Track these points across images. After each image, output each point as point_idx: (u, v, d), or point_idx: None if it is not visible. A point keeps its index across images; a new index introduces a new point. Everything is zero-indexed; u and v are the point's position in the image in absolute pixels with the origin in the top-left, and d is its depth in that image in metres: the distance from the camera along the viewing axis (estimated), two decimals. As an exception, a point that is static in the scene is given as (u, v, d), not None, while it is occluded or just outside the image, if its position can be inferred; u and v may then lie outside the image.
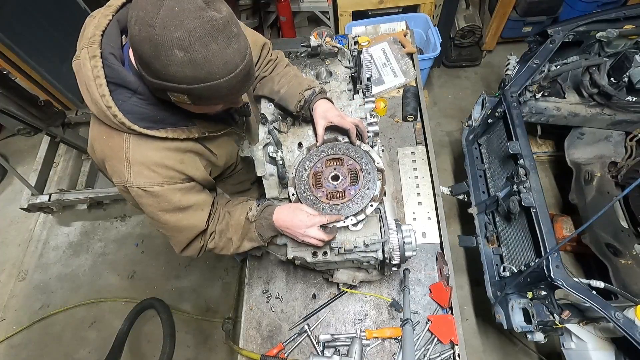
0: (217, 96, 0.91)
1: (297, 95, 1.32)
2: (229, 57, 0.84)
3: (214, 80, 0.85)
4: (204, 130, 1.11)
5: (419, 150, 1.91)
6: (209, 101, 0.94)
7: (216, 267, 2.94)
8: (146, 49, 0.80)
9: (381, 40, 2.24)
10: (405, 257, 1.20)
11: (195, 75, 0.83)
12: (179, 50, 0.79)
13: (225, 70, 0.85)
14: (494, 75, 3.70)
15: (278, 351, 1.48)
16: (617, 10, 2.14)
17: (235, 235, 1.27)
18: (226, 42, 0.83)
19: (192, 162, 1.13)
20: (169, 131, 1.03)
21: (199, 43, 0.79)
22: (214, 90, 0.87)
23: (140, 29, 0.79)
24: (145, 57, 0.82)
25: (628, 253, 2.12)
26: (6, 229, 3.30)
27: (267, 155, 1.27)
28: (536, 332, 1.74)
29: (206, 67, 0.82)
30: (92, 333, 2.78)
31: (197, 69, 0.82)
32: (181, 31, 0.77)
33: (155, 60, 0.81)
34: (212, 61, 0.82)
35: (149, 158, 1.01)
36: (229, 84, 0.88)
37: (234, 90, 0.93)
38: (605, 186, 2.35)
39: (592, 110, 2.28)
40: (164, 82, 0.85)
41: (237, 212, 1.27)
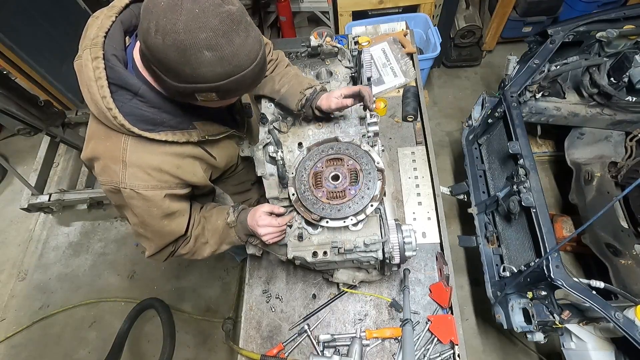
0: (243, 87, 0.92)
1: (298, 94, 1.33)
2: (250, 47, 0.86)
3: (241, 72, 0.86)
4: (205, 133, 1.10)
5: (419, 150, 1.91)
6: (236, 93, 0.95)
7: (216, 267, 2.94)
8: (173, 56, 0.80)
9: (381, 40, 2.24)
10: (405, 257, 1.20)
11: (224, 71, 0.84)
12: (208, 51, 0.79)
13: (249, 60, 0.87)
14: (494, 75, 3.70)
15: (278, 351, 1.48)
16: (617, 10, 2.15)
17: (212, 239, 1.29)
18: (246, 33, 0.84)
19: (190, 167, 1.12)
20: (169, 134, 1.02)
21: (224, 39, 0.80)
22: (241, 82, 0.88)
23: (164, 37, 0.78)
24: (173, 64, 0.82)
25: (628, 253, 2.12)
26: (6, 229, 3.30)
27: (267, 155, 1.27)
28: (536, 332, 1.74)
29: (234, 60, 0.83)
30: (92, 333, 2.78)
31: (226, 65, 0.83)
32: (206, 32, 0.78)
33: (184, 66, 0.81)
34: (238, 54, 0.83)
35: (145, 161, 1.01)
36: (253, 73, 0.89)
37: (257, 77, 0.94)
38: (605, 186, 2.35)
39: (592, 110, 2.28)
40: (193, 84, 0.85)
41: (213, 217, 1.29)
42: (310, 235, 1.25)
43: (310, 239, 1.24)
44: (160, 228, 1.13)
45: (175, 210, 1.13)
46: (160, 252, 1.22)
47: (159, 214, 1.09)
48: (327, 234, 1.24)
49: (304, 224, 1.26)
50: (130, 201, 1.05)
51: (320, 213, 1.20)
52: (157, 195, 1.05)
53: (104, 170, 1.02)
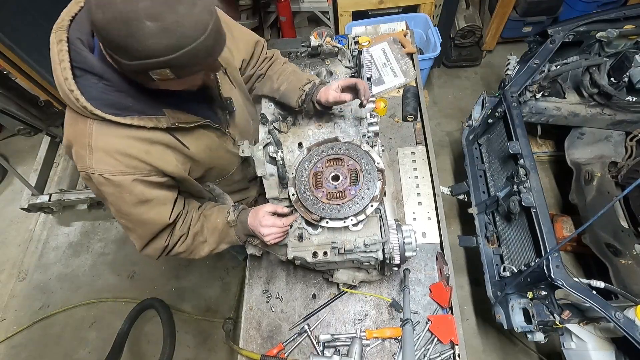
0: (197, 61, 0.89)
1: (297, 90, 1.34)
2: (197, 17, 0.83)
3: (190, 44, 0.84)
4: (175, 120, 1.06)
5: (419, 150, 1.91)
6: (191, 69, 0.92)
7: (216, 267, 2.94)
8: (116, 29, 0.78)
9: (381, 40, 2.24)
10: (406, 258, 1.20)
11: (170, 42, 0.81)
12: (149, 21, 0.77)
13: (198, 31, 0.84)
14: (494, 75, 3.70)
15: (278, 351, 1.48)
16: (617, 10, 2.15)
17: (211, 238, 1.28)
18: (191, 1, 0.82)
19: (160, 154, 1.08)
20: (135, 119, 0.99)
21: (165, 7, 0.78)
22: (193, 54, 0.85)
23: (104, 11, 0.77)
24: (118, 38, 0.80)
25: (628, 253, 2.13)
26: (6, 229, 3.30)
27: (268, 155, 1.27)
28: (536, 332, 1.74)
29: (179, 30, 0.81)
30: (92, 333, 2.78)
31: (171, 36, 0.81)
32: (145, 0, 0.77)
33: (128, 39, 0.79)
34: (183, 24, 0.81)
35: (111, 145, 0.99)
36: (204, 45, 0.86)
37: (211, 50, 0.91)
38: (605, 186, 2.35)
39: (592, 110, 2.28)
40: (144, 60, 0.83)
41: (213, 216, 1.29)
42: (310, 236, 1.25)
43: (310, 239, 1.24)
44: (138, 216, 1.11)
45: (151, 198, 1.10)
46: (148, 245, 1.19)
47: (132, 201, 1.07)
48: (327, 234, 1.24)
49: (304, 224, 1.26)
50: (101, 188, 1.04)
51: (320, 213, 1.20)
52: (126, 181, 1.03)
53: (76, 157, 1.01)
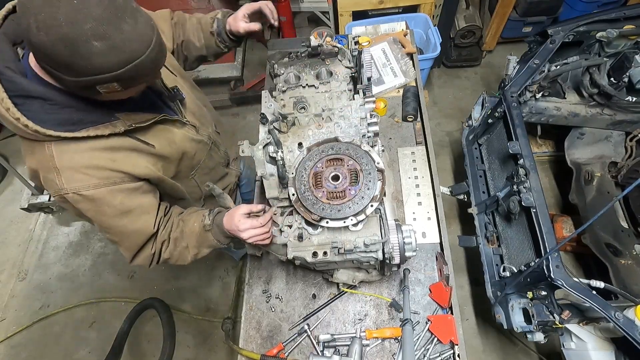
0: (144, 73, 0.92)
1: (209, 33, 1.47)
2: (141, 31, 0.86)
3: (137, 58, 0.86)
4: (130, 122, 1.06)
5: (419, 150, 1.91)
6: (138, 81, 0.94)
7: (216, 267, 2.94)
8: (62, 50, 0.78)
9: (381, 41, 2.24)
10: (405, 258, 1.20)
11: (119, 59, 0.84)
12: (96, 41, 0.79)
13: (144, 45, 0.87)
14: (494, 75, 3.70)
15: (278, 351, 1.48)
16: (617, 10, 2.15)
17: (190, 243, 1.29)
18: (133, 19, 0.84)
19: (127, 159, 1.08)
20: (91, 130, 0.99)
21: (112, 27, 0.80)
22: (140, 68, 0.88)
23: (47, 32, 0.77)
24: (63, 58, 0.80)
25: (628, 253, 2.13)
26: (6, 229, 3.30)
27: (267, 155, 1.27)
28: (536, 332, 1.74)
29: (127, 48, 0.84)
30: (92, 333, 2.78)
31: (119, 53, 0.83)
32: (90, 22, 0.77)
33: (75, 59, 0.80)
34: (130, 40, 0.84)
35: (76, 161, 0.99)
36: (150, 58, 0.89)
37: (156, 61, 0.94)
38: (605, 186, 2.35)
39: (592, 110, 2.28)
40: (91, 77, 0.84)
41: (191, 221, 1.29)
42: (310, 236, 1.25)
43: (310, 239, 1.24)
44: (122, 228, 1.11)
45: (132, 208, 1.10)
46: (137, 255, 1.21)
47: (113, 213, 1.07)
48: (327, 234, 1.24)
49: (304, 224, 1.26)
50: (78, 206, 1.03)
51: (320, 213, 1.20)
52: (101, 193, 1.03)
53: (46, 183, 1.01)
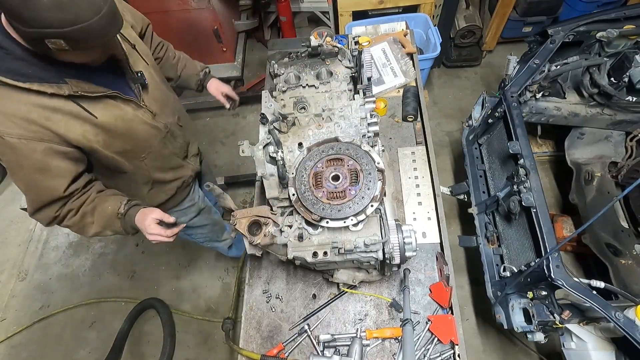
0: (92, 38, 0.99)
1: (195, 76, 1.80)
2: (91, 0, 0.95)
3: (84, 22, 0.94)
4: (77, 89, 1.11)
5: (419, 150, 1.91)
6: (86, 44, 1.01)
7: (216, 267, 2.94)
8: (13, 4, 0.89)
9: (381, 40, 2.24)
10: (406, 258, 1.20)
11: (64, 17, 0.91)
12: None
13: (91, 12, 0.95)
14: (494, 75, 3.70)
15: (278, 351, 1.48)
16: (617, 10, 2.15)
17: (97, 222, 1.32)
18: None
19: (63, 122, 1.12)
20: (35, 85, 1.04)
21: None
22: (87, 32, 0.96)
23: None
24: (15, 8, 0.90)
25: (628, 253, 2.12)
26: (6, 229, 3.30)
27: (268, 155, 1.27)
28: (536, 332, 1.74)
29: (73, 8, 0.92)
30: (92, 333, 2.78)
31: (65, 11, 0.91)
32: None
33: (24, 9, 0.89)
34: (78, 3, 0.92)
35: (9, 109, 1.04)
36: (98, 25, 0.97)
37: (106, 32, 1.02)
38: (605, 186, 2.34)
39: (592, 110, 2.28)
40: (38, 29, 0.92)
41: (107, 203, 1.32)
42: (311, 236, 1.25)
43: (310, 239, 1.24)
44: (32, 182, 1.15)
45: (49, 168, 1.13)
46: (40, 211, 1.23)
47: (30, 166, 1.11)
48: (327, 234, 1.24)
49: (304, 224, 1.26)
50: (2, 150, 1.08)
51: (320, 213, 1.20)
52: (23, 144, 1.06)
53: None
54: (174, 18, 3.19)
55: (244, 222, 1.34)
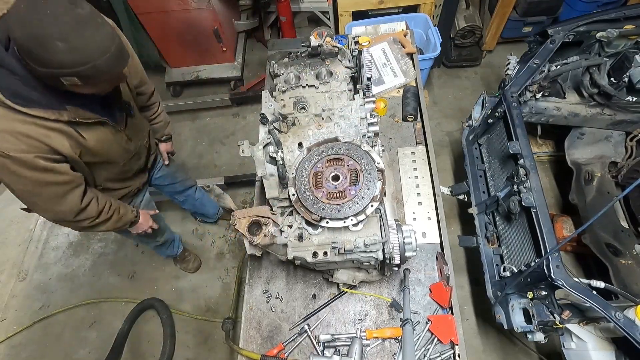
0: (101, 74, 1.12)
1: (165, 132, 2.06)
2: (100, 41, 1.07)
3: (94, 61, 1.07)
4: (75, 116, 1.26)
5: (419, 150, 1.91)
6: (97, 79, 1.14)
7: (216, 267, 2.94)
8: (32, 44, 1.01)
9: (381, 41, 2.24)
10: (406, 258, 1.20)
11: (77, 59, 1.04)
12: (60, 42, 1.00)
13: (100, 52, 1.08)
14: (494, 75, 3.70)
15: (278, 351, 1.48)
16: (617, 10, 2.15)
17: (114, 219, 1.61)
18: (94, 30, 1.06)
19: (59, 139, 1.25)
20: (40, 111, 1.17)
21: (74, 33, 1.02)
22: (97, 69, 1.09)
23: (21, 29, 1.00)
24: (34, 51, 1.02)
25: (628, 253, 2.12)
26: (6, 229, 3.30)
27: (267, 155, 1.27)
28: (536, 332, 1.74)
29: (85, 51, 1.05)
30: (92, 333, 2.78)
31: (78, 54, 1.04)
32: (58, 26, 0.99)
33: (42, 54, 1.02)
34: (88, 45, 1.05)
35: (14, 128, 1.14)
36: (107, 63, 1.10)
37: (113, 67, 1.15)
38: (605, 186, 2.34)
39: (592, 110, 2.28)
40: (55, 69, 1.05)
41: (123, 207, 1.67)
42: (311, 236, 1.25)
43: (310, 239, 1.24)
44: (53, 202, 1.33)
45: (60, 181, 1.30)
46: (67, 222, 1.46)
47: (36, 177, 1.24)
48: (327, 234, 1.24)
49: (304, 224, 1.26)
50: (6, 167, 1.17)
51: (320, 213, 1.20)
52: (31, 158, 1.18)
53: None
54: (174, 18, 3.19)
55: (244, 222, 1.34)
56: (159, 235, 2.30)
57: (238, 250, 2.97)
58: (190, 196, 2.55)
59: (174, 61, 3.72)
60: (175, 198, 2.53)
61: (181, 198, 2.53)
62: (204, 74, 3.74)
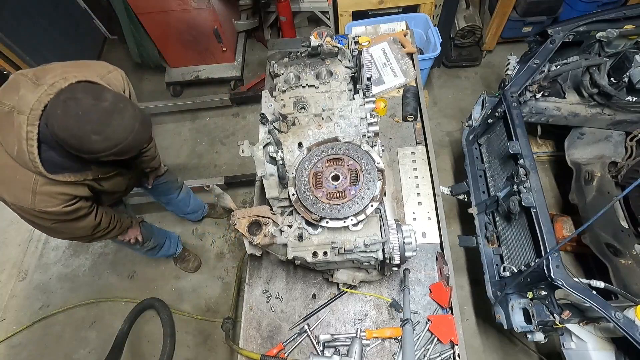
0: (131, 149, 1.33)
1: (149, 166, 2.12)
2: (126, 124, 1.26)
3: (124, 141, 1.27)
4: (98, 173, 1.52)
5: (419, 150, 1.91)
6: (128, 152, 1.34)
7: (216, 267, 2.95)
8: (73, 142, 1.22)
9: (381, 40, 2.24)
10: (405, 258, 1.20)
11: (111, 144, 1.25)
12: (94, 135, 1.21)
13: (127, 132, 1.27)
14: (494, 75, 3.69)
15: (278, 351, 1.48)
16: (617, 10, 2.14)
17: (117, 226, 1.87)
18: (119, 116, 1.25)
19: (81, 189, 1.51)
20: (71, 176, 1.41)
21: (104, 125, 1.22)
22: (128, 146, 1.30)
23: (63, 133, 1.20)
24: (75, 147, 1.23)
25: (628, 253, 2.12)
26: (6, 229, 3.30)
27: (267, 155, 1.27)
28: (536, 332, 1.74)
29: (115, 136, 1.25)
30: (92, 333, 2.78)
31: (110, 141, 1.24)
32: (90, 124, 1.20)
33: (83, 147, 1.23)
34: (117, 131, 1.25)
35: (50, 190, 1.38)
36: (134, 139, 1.30)
37: (140, 140, 1.35)
38: (605, 186, 2.34)
39: (592, 110, 2.28)
40: (95, 154, 1.26)
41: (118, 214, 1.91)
42: (310, 236, 1.25)
43: (310, 239, 1.24)
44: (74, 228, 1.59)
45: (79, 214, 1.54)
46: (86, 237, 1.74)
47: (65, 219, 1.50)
48: (327, 234, 1.24)
49: (304, 224, 1.26)
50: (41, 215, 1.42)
51: (320, 213, 1.20)
52: (59, 209, 1.43)
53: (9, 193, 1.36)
54: (174, 18, 3.19)
55: (244, 222, 1.34)
56: (147, 241, 2.33)
57: (238, 250, 2.97)
58: (173, 198, 2.55)
59: (174, 61, 3.72)
60: (159, 200, 2.56)
61: (165, 200, 2.55)
62: (204, 74, 3.74)
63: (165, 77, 3.76)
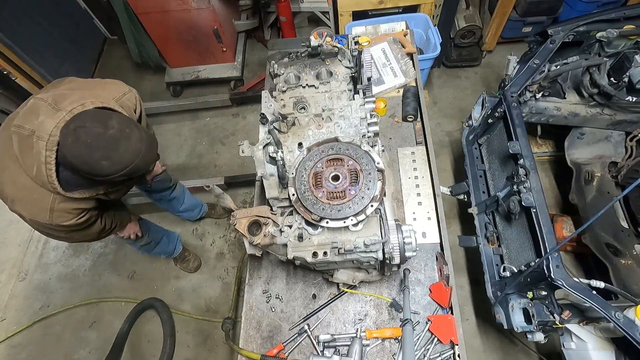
0: (139, 169, 1.42)
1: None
2: (133, 148, 1.35)
3: (132, 164, 1.36)
4: (108, 187, 1.62)
5: (419, 150, 1.91)
6: (137, 173, 1.44)
7: (216, 267, 2.95)
8: (85, 168, 1.30)
9: (381, 41, 2.24)
10: (406, 258, 1.20)
11: (120, 168, 1.34)
12: (104, 161, 1.30)
13: (134, 155, 1.36)
14: (494, 75, 3.70)
15: (278, 351, 1.48)
16: (617, 10, 2.14)
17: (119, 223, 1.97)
18: (126, 141, 1.33)
19: (92, 202, 1.61)
20: (85, 192, 1.51)
21: (112, 151, 1.30)
22: (136, 167, 1.39)
23: (75, 160, 1.28)
24: (87, 171, 1.32)
25: (628, 253, 2.12)
26: (6, 229, 3.30)
27: (267, 155, 1.27)
28: (536, 332, 1.74)
29: (123, 160, 1.34)
30: (92, 333, 2.78)
31: (120, 164, 1.34)
32: (99, 151, 1.28)
33: (94, 171, 1.31)
34: (126, 155, 1.34)
35: (66, 207, 1.48)
36: (142, 160, 1.40)
37: (147, 161, 1.45)
38: (605, 186, 2.34)
39: (592, 110, 2.28)
40: (106, 177, 1.35)
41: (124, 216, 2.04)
42: (310, 236, 1.25)
43: (310, 239, 1.24)
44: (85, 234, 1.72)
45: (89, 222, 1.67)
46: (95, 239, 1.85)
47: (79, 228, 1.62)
48: (327, 234, 1.24)
49: (304, 224, 1.26)
50: (58, 228, 1.54)
51: (320, 213, 1.20)
52: (73, 222, 1.54)
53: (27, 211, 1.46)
54: (174, 18, 3.19)
55: (244, 222, 1.34)
56: (143, 236, 2.33)
57: (238, 250, 2.97)
58: (165, 196, 2.51)
59: (174, 61, 3.72)
60: (151, 197, 2.52)
61: (156, 197, 2.51)
62: (204, 74, 3.74)
63: (166, 77, 3.76)
